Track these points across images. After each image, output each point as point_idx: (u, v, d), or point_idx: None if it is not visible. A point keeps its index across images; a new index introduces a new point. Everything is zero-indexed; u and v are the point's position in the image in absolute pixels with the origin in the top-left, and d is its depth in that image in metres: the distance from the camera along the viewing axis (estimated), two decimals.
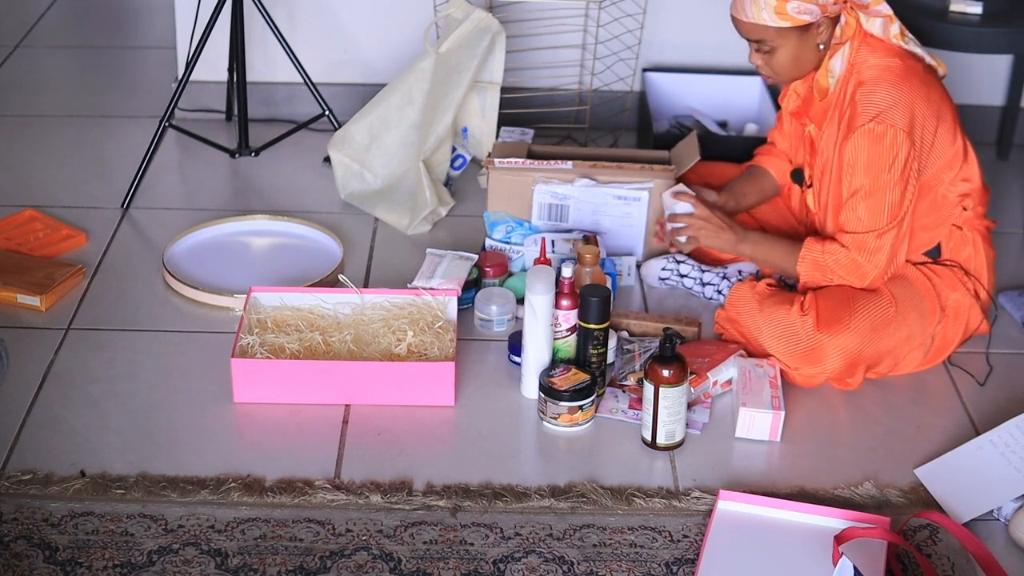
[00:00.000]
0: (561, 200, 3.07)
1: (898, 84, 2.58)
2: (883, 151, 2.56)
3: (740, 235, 2.79)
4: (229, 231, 3.21)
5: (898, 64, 2.62)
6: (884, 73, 2.60)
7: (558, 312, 2.61)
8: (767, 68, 2.68)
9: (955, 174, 2.69)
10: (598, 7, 3.61)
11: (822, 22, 2.62)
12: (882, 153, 2.56)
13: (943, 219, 2.72)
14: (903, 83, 2.58)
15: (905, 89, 2.58)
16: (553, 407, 2.54)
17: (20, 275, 2.93)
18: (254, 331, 2.71)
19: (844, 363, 2.62)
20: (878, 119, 2.55)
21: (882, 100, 2.57)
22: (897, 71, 2.60)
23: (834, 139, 2.69)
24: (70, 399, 2.60)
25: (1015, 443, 2.42)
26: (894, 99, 2.56)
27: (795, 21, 2.58)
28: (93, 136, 3.74)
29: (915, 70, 2.63)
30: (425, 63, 3.34)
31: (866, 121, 2.56)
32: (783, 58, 2.65)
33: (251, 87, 3.63)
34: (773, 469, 2.48)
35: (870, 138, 2.56)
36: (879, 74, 2.60)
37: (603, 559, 2.23)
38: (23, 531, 2.24)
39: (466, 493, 2.37)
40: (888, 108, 2.56)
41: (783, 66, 2.67)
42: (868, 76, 2.61)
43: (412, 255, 3.14)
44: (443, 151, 3.31)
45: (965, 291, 2.73)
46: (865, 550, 2.23)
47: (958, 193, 2.71)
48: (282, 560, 2.20)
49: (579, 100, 3.78)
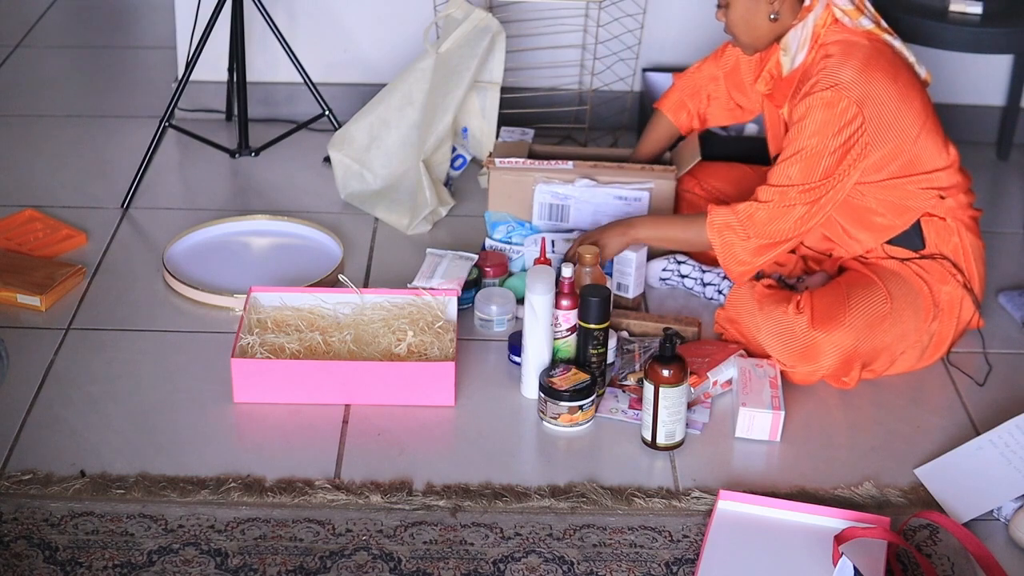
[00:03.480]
0: (562, 200, 3.07)
1: (862, 60, 2.59)
2: (832, 117, 2.56)
3: (625, 225, 2.79)
4: (229, 231, 3.21)
5: (864, 44, 2.63)
6: (849, 48, 2.62)
7: (558, 312, 2.61)
8: (730, 29, 2.72)
9: (930, 167, 2.68)
10: (598, 7, 3.61)
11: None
12: (831, 120, 2.56)
13: (906, 207, 2.70)
14: (867, 60, 2.60)
15: (867, 66, 2.59)
16: (553, 407, 2.54)
17: (20, 275, 2.93)
18: (254, 331, 2.71)
19: (840, 360, 2.62)
20: (835, 88, 2.56)
21: (842, 73, 2.58)
22: (863, 49, 2.62)
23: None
24: (70, 399, 2.60)
25: (1015, 443, 2.42)
26: (855, 74, 2.57)
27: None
28: (93, 136, 3.74)
29: (882, 52, 2.64)
30: (425, 63, 3.35)
31: (825, 88, 2.57)
32: (734, 16, 2.69)
33: (251, 87, 3.63)
34: (773, 469, 2.48)
35: (822, 103, 2.57)
36: (844, 49, 2.62)
37: (603, 559, 2.23)
38: (23, 531, 2.24)
39: (466, 493, 2.37)
40: (847, 81, 2.57)
41: (735, 24, 2.70)
42: (833, 51, 2.63)
43: (412, 255, 3.14)
44: (443, 151, 3.31)
45: (956, 284, 2.73)
46: (865, 550, 2.23)
47: (928, 186, 2.69)
48: (282, 560, 2.20)
49: (579, 100, 3.79)
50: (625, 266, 2.90)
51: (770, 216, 2.62)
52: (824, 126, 2.57)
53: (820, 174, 2.59)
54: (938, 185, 2.70)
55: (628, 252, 2.89)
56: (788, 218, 2.61)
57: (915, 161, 2.66)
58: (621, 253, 2.85)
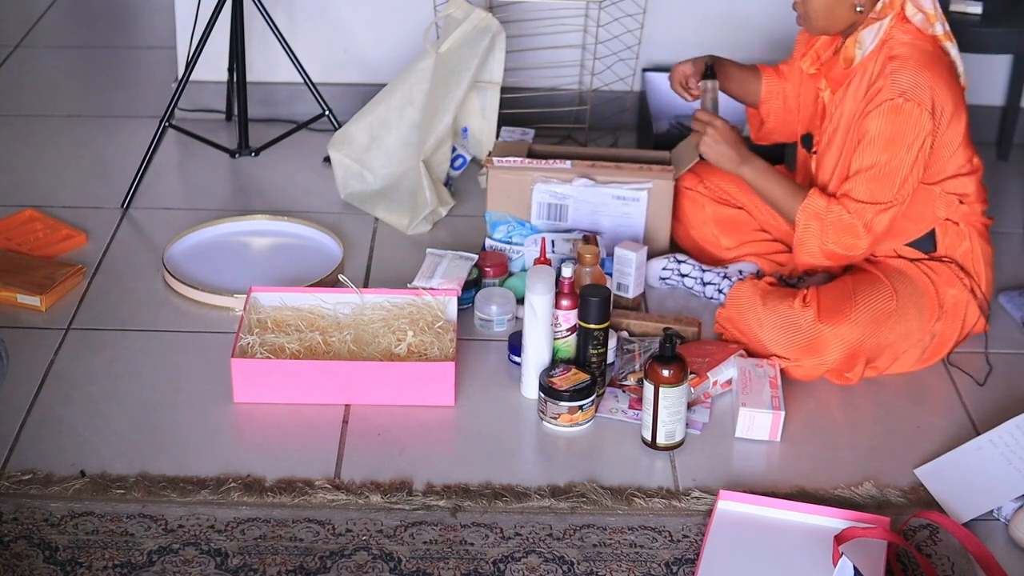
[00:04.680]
0: (560, 200, 3.07)
1: (927, 65, 2.59)
2: (906, 128, 2.57)
3: (743, 156, 2.78)
4: (229, 231, 3.21)
5: (929, 48, 2.63)
6: (915, 52, 2.61)
7: (558, 312, 2.61)
8: (802, 7, 2.68)
9: (954, 172, 2.70)
10: (598, 7, 3.61)
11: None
12: (905, 130, 2.57)
13: (929, 213, 2.72)
14: (932, 65, 2.60)
15: (933, 71, 2.59)
16: (553, 407, 2.54)
17: (20, 275, 2.93)
18: (254, 331, 2.71)
19: (844, 354, 2.62)
20: (905, 95, 2.57)
21: (910, 78, 2.58)
22: (928, 53, 2.62)
23: (851, 108, 2.69)
24: (70, 399, 2.60)
25: (1015, 443, 2.42)
26: (922, 79, 2.58)
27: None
28: (93, 136, 3.74)
29: (944, 61, 2.65)
30: (425, 63, 3.35)
31: (895, 96, 2.57)
32: (818, 4, 2.65)
33: (251, 87, 3.63)
34: (773, 469, 2.48)
35: (897, 113, 2.57)
36: (910, 52, 2.61)
37: (603, 559, 2.23)
38: (23, 531, 2.24)
39: (466, 493, 2.37)
40: (915, 86, 2.57)
41: (816, 12, 2.66)
42: (899, 52, 2.62)
43: (412, 255, 3.14)
44: (443, 151, 3.31)
45: (962, 287, 2.74)
46: (865, 550, 2.23)
47: (951, 191, 2.71)
48: (282, 560, 2.20)
49: (579, 100, 3.79)
50: (625, 266, 2.91)
51: (847, 230, 2.64)
52: (896, 139, 2.58)
53: (895, 191, 2.61)
54: (960, 191, 2.71)
55: (628, 252, 2.89)
56: (864, 237, 2.64)
57: (945, 167, 2.68)
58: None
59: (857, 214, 2.63)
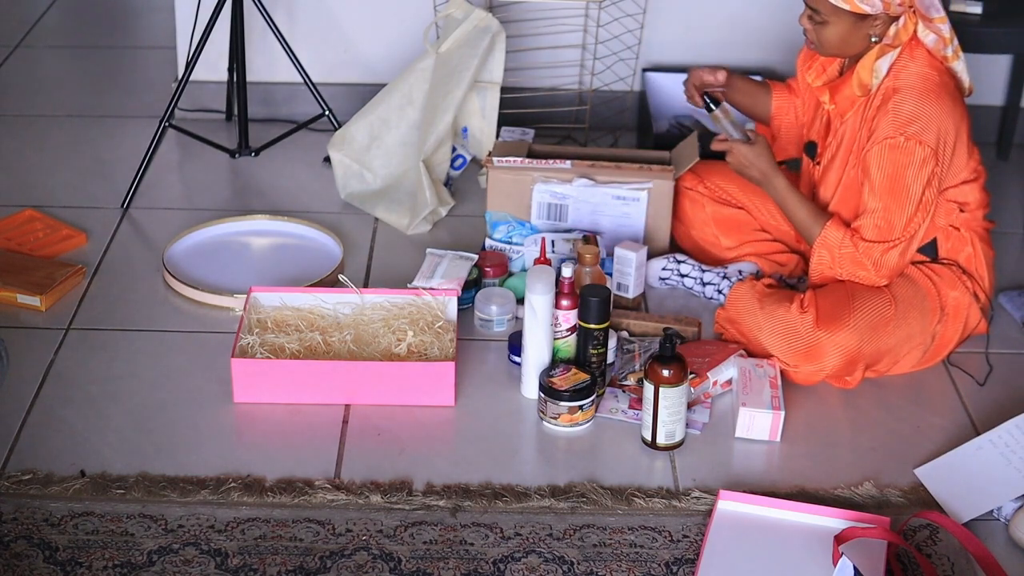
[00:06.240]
0: (560, 200, 3.07)
1: (931, 98, 2.58)
2: (908, 166, 2.58)
3: (774, 172, 2.77)
4: (229, 231, 3.21)
5: (935, 77, 2.62)
6: (919, 83, 2.60)
7: (558, 312, 2.61)
8: (813, 36, 2.67)
9: (956, 182, 2.70)
10: (598, 7, 3.61)
11: (880, 17, 2.61)
12: (907, 169, 2.58)
13: (935, 222, 2.72)
14: (936, 98, 2.59)
15: (936, 104, 2.58)
16: (553, 407, 2.54)
17: (20, 275, 2.93)
18: (254, 331, 2.71)
19: (843, 360, 2.62)
20: (907, 134, 2.56)
21: (913, 112, 2.58)
22: (933, 84, 2.60)
23: (854, 125, 2.69)
24: (70, 399, 2.60)
25: (1015, 443, 2.42)
26: (925, 113, 2.57)
27: (855, 7, 2.57)
28: (93, 136, 3.74)
29: (948, 87, 2.63)
30: (425, 63, 3.35)
31: (896, 133, 2.57)
32: (831, 35, 2.64)
33: (251, 87, 3.63)
34: (773, 469, 2.48)
35: (898, 152, 2.58)
36: (914, 83, 2.60)
37: (603, 559, 2.23)
38: (23, 531, 2.24)
39: (466, 493, 2.37)
40: (918, 123, 2.57)
41: (829, 42, 2.65)
42: (903, 84, 2.61)
43: (412, 255, 3.14)
44: (443, 151, 3.31)
45: (964, 289, 2.74)
46: (865, 550, 2.23)
47: (951, 199, 2.71)
48: (282, 560, 2.20)
49: (579, 100, 3.79)
50: (625, 266, 2.91)
51: (859, 265, 2.66)
52: (898, 178, 2.59)
53: (901, 229, 2.62)
54: (961, 199, 2.71)
55: (628, 252, 2.89)
56: (873, 272, 2.66)
57: (947, 180, 2.69)
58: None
59: (865, 253, 2.64)
